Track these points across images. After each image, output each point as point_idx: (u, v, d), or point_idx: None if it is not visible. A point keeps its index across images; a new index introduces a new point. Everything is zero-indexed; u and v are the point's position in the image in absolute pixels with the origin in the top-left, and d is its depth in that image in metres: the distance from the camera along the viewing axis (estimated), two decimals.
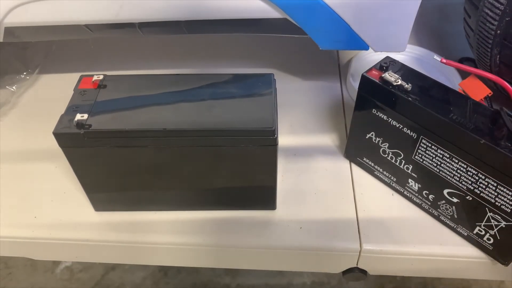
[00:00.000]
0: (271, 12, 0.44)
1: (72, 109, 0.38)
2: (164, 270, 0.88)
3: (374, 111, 0.41)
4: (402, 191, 0.44)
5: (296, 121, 0.54)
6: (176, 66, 0.63)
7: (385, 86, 0.39)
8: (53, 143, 0.36)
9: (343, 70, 0.62)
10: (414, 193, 0.43)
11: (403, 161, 0.42)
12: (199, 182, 0.41)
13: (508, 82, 0.39)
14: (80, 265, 0.90)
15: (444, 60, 0.41)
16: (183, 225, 0.43)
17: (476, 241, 0.40)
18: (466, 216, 0.40)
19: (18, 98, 0.59)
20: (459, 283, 0.85)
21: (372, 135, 0.43)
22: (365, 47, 0.47)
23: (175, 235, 0.42)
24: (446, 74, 0.58)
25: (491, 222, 0.38)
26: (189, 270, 0.88)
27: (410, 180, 0.43)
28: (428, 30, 0.70)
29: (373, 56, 0.61)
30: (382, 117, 0.41)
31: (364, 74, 0.40)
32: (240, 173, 0.40)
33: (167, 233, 0.43)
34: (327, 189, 0.46)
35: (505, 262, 0.40)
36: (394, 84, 0.38)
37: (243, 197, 0.43)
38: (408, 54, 0.61)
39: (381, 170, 0.45)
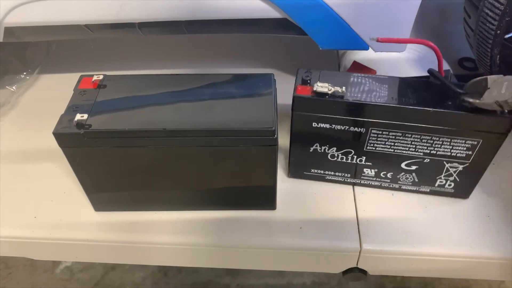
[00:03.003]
0: (271, 12, 0.44)
1: (72, 109, 0.38)
2: (164, 270, 0.88)
3: (315, 125, 0.41)
4: (359, 181, 0.45)
5: None
6: (176, 66, 0.63)
7: (322, 99, 0.39)
8: (53, 143, 0.36)
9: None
10: (371, 178, 0.45)
11: (355, 156, 0.43)
12: (199, 182, 0.41)
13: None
14: (80, 265, 0.90)
15: (380, 38, 0.41)
16: (183, 225, 0.43)
17: (438, 191, 0.44)
18: (426, 176, 0.42)
19: (18, 98, 0.59)
20: (459, 283, 0.85)
21: (316, 146, 0.43)
22: (365, 47, 0.47)
23: (175, 235, 0.42)
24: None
25: (449, 171, 0.41)
26: (189, 270, 0.88)
27: (365, 170, 0.44)
28: (428, 30, 0.70)
29: (362, 52, 0.61)
30: (324, 126, 0.41)
31: (296, 95, 0.39)
32: (240, 173, 0.40)
33: (167, 233, 0.43)
34: (327, 189, 0.46)
35: (465, 196, 0.44)
36: (329, 92, 0.38)
37: (243, 197, 0.43)
38: (410, 52, 0.61)
39: (332, 173, 0.45)
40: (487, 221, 0.43)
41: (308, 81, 0.40)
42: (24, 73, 0.61)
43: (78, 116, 0.36)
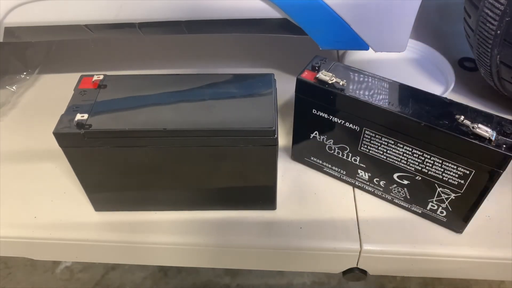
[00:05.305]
0: (271, 12, 0.44)
1: (72, 109, 0.38)
2: (164, 270, 0.88)
3: (314, 111, 0.41)
4: (354, 182, 0.45)
5: None
6: (176, 66, 0.63)
7: (321, 86, 0.39)
8: (53, 143, 0.36)
9: None
10: (365, 182, 0.44)
11: (350, 154, 0.43)
12: (199, 182, 0.41)
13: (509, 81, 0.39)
14: (80, 265, 0.90)
15: None
16: (183, 225, 0.43)
17: (430, 216, 0.42)
18: (418, 195, 0.41)
19: (18, 98, 0.59)
20: (459, 283, 0.85)
21: (316, 134, 0.44)
22: (365, 47, 0.47)
23: (175, 235, 0.42)
24: (444, 71, 0.58)
25: (441, 196, 0.40)
26: (189, 270, 0.88)
27: (359, 171, 0.44)
28: (428, 30, 0.70)
29: (362, 52, 0.61)
30: (322, 115, 0.41)
31: (299, 77, 0.40)
32: (240, 173, 0.40)
33: (167, 233, 0.43)
34: (327, 189, 0.46)
35: (459, 230, 0.42)
36: (330, 82, 0.39)
37: (243, 197, 0.43)
38: (410, 52, 0.61)
39: (329, 166, 0.46)
40: (487, 221, 0.43)
41: (317, 68, 0.41)
42: (24, 73, 0.61)
43: (79, 116, 0.36)
